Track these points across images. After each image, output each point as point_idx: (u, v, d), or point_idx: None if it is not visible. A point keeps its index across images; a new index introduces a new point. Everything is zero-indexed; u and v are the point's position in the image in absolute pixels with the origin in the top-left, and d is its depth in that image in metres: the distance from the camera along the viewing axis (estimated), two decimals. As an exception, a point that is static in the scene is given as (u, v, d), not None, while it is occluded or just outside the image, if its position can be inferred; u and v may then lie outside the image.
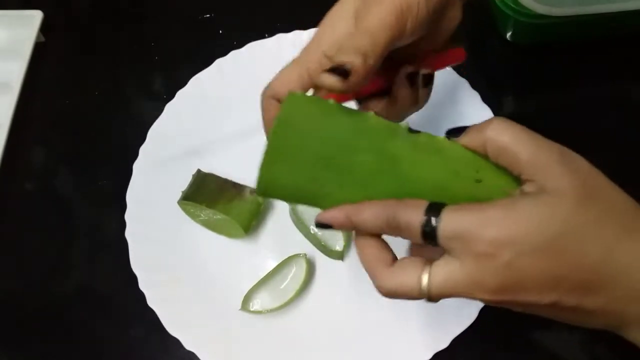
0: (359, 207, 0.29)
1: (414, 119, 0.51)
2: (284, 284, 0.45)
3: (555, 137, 0.54)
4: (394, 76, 0.34)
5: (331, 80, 0.28)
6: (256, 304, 0.45)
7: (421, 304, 0.43)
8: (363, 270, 0.46)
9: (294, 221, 0.47)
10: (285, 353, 0.44)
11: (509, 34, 0.54)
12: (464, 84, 0.50)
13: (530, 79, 0.55)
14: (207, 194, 0.46)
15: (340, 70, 0.28)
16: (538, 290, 0.26)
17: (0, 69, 0.56)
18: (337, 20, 0.32)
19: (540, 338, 0.44)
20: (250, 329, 0.44)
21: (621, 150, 0.51)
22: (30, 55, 0.55)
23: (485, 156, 0.29)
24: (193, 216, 0.48)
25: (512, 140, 0.28)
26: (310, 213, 0.45)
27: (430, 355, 0.42)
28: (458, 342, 0.42)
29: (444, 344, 0.42)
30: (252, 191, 0.47)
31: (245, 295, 0.45)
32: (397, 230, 0.28)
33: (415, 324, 0.43)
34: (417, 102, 0.34)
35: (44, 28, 0.58)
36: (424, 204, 0.27)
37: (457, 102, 0.50)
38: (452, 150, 0.28)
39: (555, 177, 0.26)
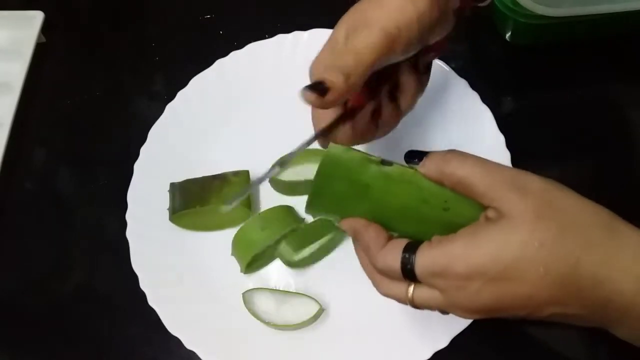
0: (360, 230, 0.33)
1: (413, 119, 0.51)
2: (291, 310, 0.45)
3: (555, 137, 0.55)
4: (379, 91, 0.36)
5: (308, 97, 0.30)
6: (257, 306, 0.45)
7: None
8: (360, 270, 0.47)
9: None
10: (285, 352, 0.44)
11: (508, 35, 0.54)
12: (464, 84, 0.50)
13: (530, 79, 0.55)
14: (193, 197, 0.46)
15: (319, 88, 0.30)
16: (511, 309, 0.28)
17: (2, 69, 0.56)
18: (334, 43, 0.33)
19: (540, 338, 0.44)
20: (250, 328, 0.44)
21: (621, 150, 0.51)
22: (31, 56, 0.56)
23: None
24: (190, 227, 0.48)
25: (466, 174, 0.29)
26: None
27: (430, 355, 0.42)
28: (457, 341, 0.42)
29: (443, 343, 0.42)
30: (235, 173, 0.47)
31: (246, 294, 0.45)
32: (382, 273, 0.32)
33: (414, 323, 0.43)
34: (421, 89, 0.36)
35: (45, 28, 0.58)
36: (401, 245, 0.30)
37: (457, 102, 0.50)
38: (422, 181, 0.31)
39: (509, 202, 0.28)
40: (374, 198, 0.32)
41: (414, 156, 0.31)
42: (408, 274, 0.30)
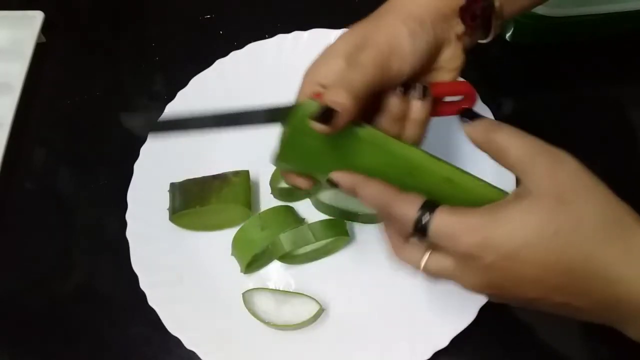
0: (364, 182, 0.32)
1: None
2: (291, 310, 0.45)
3: (555, 137, 0.54)
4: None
5: (321, 128, 0.31)
6: (257, 306, 0.45)
7: (421, 303, 0.44)
8: (360, 271, 0.46)
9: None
10: (285, 352, 0.44)
11: (508, 35, 0.54)
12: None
13: (530, 79, 0.55)
14: (193, 197, 0.46)
15: (326, 117, 0.31)
16: (520, 289, 0.28)
17: (2, 69, 0.56)
18: (329, 58, 0.34)
19: (540, 337, 0.44)
20: (250, 328, 0.44)
21: (621, 150, 0.51)
22: (31, 56, 0.56)
23: (419, 154, 0.32)
24: (190, 227, 0.48)
25: (505, 143, 0.29)
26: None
27: (430, 354, 0.42)
28: (458, 341, 0.42)
29: (443, 342, 0.42)
30: (235, 173, 0.47)
31: (246, 294, 0.45)
32: (387, 218, 0.32)
33: (415, 322, 0.43)
34: (404, 118, 0.35)
35: (45, 28, 0.58)
36: (419, 200, 0.30)
37: (457, 102, 0.50)
38: (391, 145, 0.33)
39: (537, 178, 0.28)
40: (342, 157, 0.33)
41: (468, 115, 0.32)
42: (420, 229, 0.30)
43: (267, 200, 0.49)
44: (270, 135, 0.50)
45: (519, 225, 0.27)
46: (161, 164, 0.50)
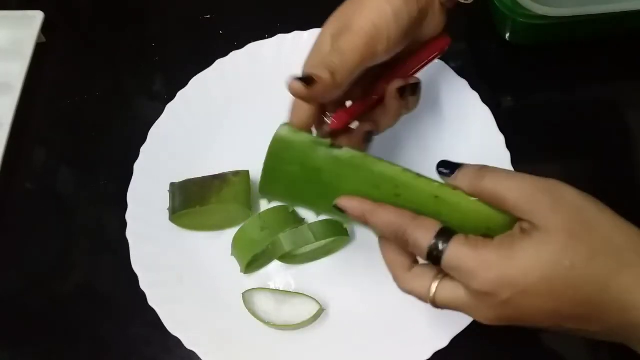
0: (375, 209, 0.31)
1: (413, 119, 0.51)
2: (291, 310, 0.45)
3: (555, 137, 0.55)
4: (376, 91, 0.37)
5: (295, 85, 0.31)
6: (257, 306, 0.45)
7: (421, 303, 0.43)
8: (360, 270, 0.46)
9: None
10: (285, 352, 0.44)
11: (507, 35, 0.54)
12: (464, 84, 0.50)
13: (530, 79, 0.55)
14: (193, 197, 0.46)
15: (306, 79, 0.31)
16: (535, 320, 0.28)
17: (2, 69, 0.56)
18: (320, 45, 0.35)
19: (540, 337, 0.44)
20: (250, 328, 0.44)
21: (621, 150, 0.51)
22: (31, 56, 0.56)
23: (401, 173, 0.31)
24: (190, 227, 0.48)
25: (498, 189, 0.29)
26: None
27: (430, 355, 0.42)
28: (458, 341, 0.42)
29: (443, 343, 0.42)
30: (235, 173, 0.47)
31: (246, 294, 0.45)
32: (404, 244, 0.30)
33: (415, 323, 0.43)
34: (407, 108, 0.37)
35: (45, 28, 0.58)
36: (436, 227, 0.29)
37: (456, 103, 0.50)
38: (373, 165, 0.31)
39: (543, 216, 0.28)
40: (325, 182, 0.32)
41: (446, 167, 0.31)
42: (433, 258, 0.29)
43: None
44: (270, 136, 0.50)
45: (535, 262, 0.27)
46: (161, 164, 0.50)
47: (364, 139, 0.36)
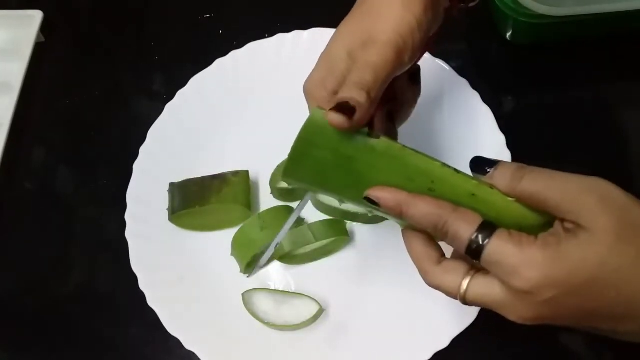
0: (413, 200, 0.29)
1: (414, 119, 0.51)
2: (290, 310, 0.44)
3: (556, 137, 0.55)
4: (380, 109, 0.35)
5: (336, 120, 0.29)
6: (256, 306, 0.45)
7: (421, 303, 0.43)
8: (360, 271, 0.46)
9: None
10: (285, 352, 0.44)
11: (508, 34, 0.54)
12: (464, 84, 0.50)
13: (530, 79, 0.55)
14: (193, 197, 0.46)
15: (346, 109, 0.29)
16: (571, 320, 0.28)
17: (1, 69, 0.56)
18: (334, 63, 0.33)
19: (541, 338, 0.44)
20: (250, 328, 0.44)
21: (621, 150, 0.51)
22: (30, 56, 0.56)
23: (440, 168, 0.30)
24: (189, 227, 0.48)
25: (538, 189, 0.28)
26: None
27: (430, 355, 0.42)
28: (458, 342, 0.42)
29: (443, 343, 0.42)
30: (235, 173, 0.47)
31: (246, 295, 0.45)
32: (444, 236, 0.29)
33: (415, 323, 0.43)
34: (415, 100, 0.37)
35: (44, 28, 0.58)
36: (477, 220, 0.28)
37: (457, 102, 0.50)
38: (409, 157, 0.30)
39: (589, 217, 0.27)
40: (357, 171, 0.31)
41: (482, 164, 0.30)
42: (472, 252, 0.28)
43: (267, 200, 0.49)
44: (270, 135, 0.50)
45: (581, 263, 0.26)
46: (161, 164, 0.50)
47: (387, 119, 0.35)
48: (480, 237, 0.28)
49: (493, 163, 0.30)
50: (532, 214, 0.29)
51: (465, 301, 0.30)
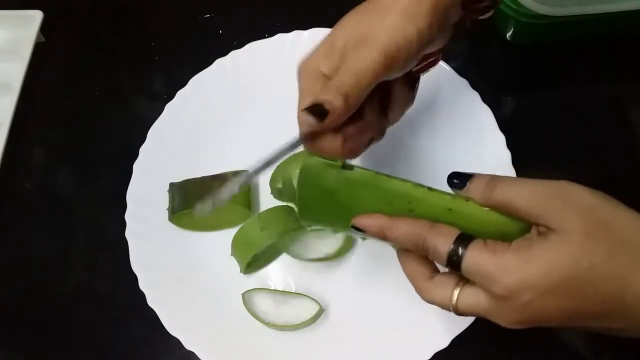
0: (393, 224, 0.31)
1: (414, 119, 0.51)
2: (291, 310, 0.45)
3: (556, 137, 0.55)
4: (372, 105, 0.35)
5: (306, 120, 0.30)
6: (256, 306, 0.45)
7: (421, 303, 0.43)
8: (360, 271, 0.46)
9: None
10: (285, 352, 0.44)
11: (509, 34, 0.54)
12: (464, 84, 0.50)
13: (530, 79, 0.55)
14: (192, 197, 0.46)
15: (318, 111, 0.30)
16: (556, 321, 0.28)
17: (1, 69, 0.56)
18: (331, 50, 0.32)
19: (540, 338, 0.44)
20: (250, 328, 0.44)
21: (621, 150, 0.51)
22: (30, 56, 0.56)
23: (413, 189, 0.31)
24: (189, 227, 0.48)
25: (508, 198, 0.29)
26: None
27: (430, 355, 0.42)
28: (458, 341, 0.42)
29: (443, 343, 0.42)
30: (235, 173, 0.47)
31: (246, 295, 0.45)
32: (426, 252, 0.31)
33: (415, 323, 0.43)
34: (412, 101, 0.36)
35: (44, 28, 0.58)
36: (454, 234, 0.30)
37: (457, 102, 0.50)
38: (384, 183, 0.32)
39: (557, 219, 0.28)
40: (340, 203, 0.32)
41: (458, 179, 0.31)
42: (453, 264, 0.29)
43: (267, 200, 0.49)
44: (270, 135, 0.50)
45: (553, 264, 0.27)
46: (161, 164, 0.50)
47: (379, 112, 0.35)
48: (458, 249, 0.29)
49: (468, 177, 0.31)
50: (511, 221, 0.30)
51: (457, 312, 0.31)
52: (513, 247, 0.28)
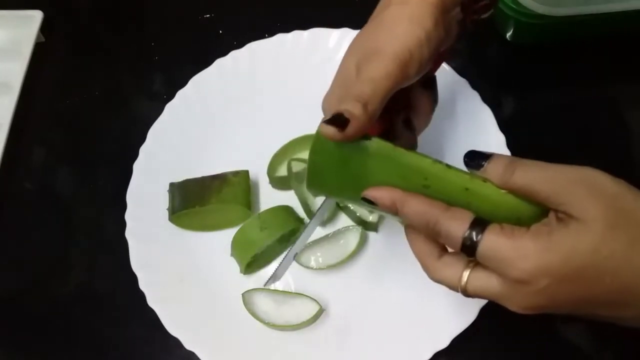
0: (406, 198, 0.30)
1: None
2: (290, 310, 0.44)
3: (556, 137, 0.55)
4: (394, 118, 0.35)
5: (329, 131, 0.30)
6: (257, 306, 0.45)
7: (421, 303, 0.44)
8: (360, 271, 0.46)
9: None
10: (285, 352, 0.44)
11: (509, 34, 0.54)
12: (464, 84, 0.50)
13: (531, 78, 0.55)
14: (193, 197, 0.46)
15: (338, 121, 0.30)
16: (568, 308, 0.28)
17: (1, 69, 0.56)
18: (346, 78, 0.33)
19: (540, 338, 0.44)
20: (250, 328, 0.44)
21: (621, 150, 0.51)
22: (30, 55, 0.56)
23: (431, 165, 0.30)
24: (189, 227, 0.48)
25: (529, 181, 0.29)
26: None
27: (430, 355, 0.42)
28: (458, 341, 0.42)
29: (444, 343, 0.42)
30: (235, 173, 0.47)
31: (246, 295, 0.45)
32: (435, 235, 0.30)
33: (415, 323, 0.43)
34: (435, 102, 0.37)
35: (44, 28, 0.58)
36: (469, 218, 0.29)
37: (457, 102, 0.50)
38: (401, 156, 0.31)
39: (579, 207, 0.27)
40: (353, 173, 0.32)
41: (476, 158, 0.30)
42: (467, 249, 0.29)
43: (267, 200, 0.49)
44: (270, 135, 0.50)
45: (573, 251, 0.27)
46: (161, 164, 0.50)
47: (405, 127, 0.35)
48: (473, 233, 0.28)
49: (486, 157, 0.30)
50: (527, 205, 0.30)
51: (466, 293, 0.30)
52: (532, 232, 0.28)
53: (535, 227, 0.28)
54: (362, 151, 0.31)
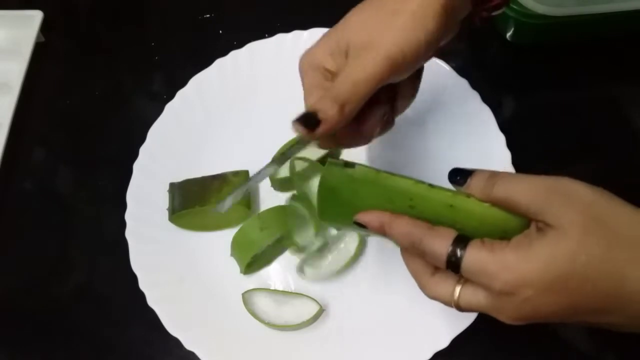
0: (393, 221, 0.31)
1: (414, 119, 0.51)
2: (290, 310, 0.45)
3: (556, 137, 0.55)
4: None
5: (298, 129, 0.30)
6: (257, 306, 0.45)
7: (421, 304, 0.43)
8: (360, 271, 0.46)
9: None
10: (285, 352, 0.44)
11: (509, 34, 0.54)
12: (464, 84, 0.50)
13: (531, 78, 0.55)
14: (193, 197, 0.46)
15: (310, 121, 0.30)
16: (556, 317, 0.28)
17: (0, 69, 0.56)
18: (336, 46, 0.32)
19: (540, 338, 0.44)
20: (250, 328, 0.44)
21: (621, 150, 0.51)
22: (30, 55, 0.55)
23: (414, 186, 0.31)
24: (189, 227, 0.48)
25: (508, 194, 0.29)
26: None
27: (430, 355, 0.42)
28: (458, 341, 0.42)
29: (444, 343, 0.42)
30: (235, 173, 0.47)
31: (246, 295, 0.45)
32: (421, 254, 0.31)
33: (415, 323, 0.43)
34: (416, 90, 0.36)
35: (44, 28, 0.58)
36: (451, 235, 0.29)
37: (457, 102, 0.50)
38: (385, 180, 0.32)
39: (557, 215, 0.28)
40: (343, 201, 0.33)
41: (459, 175, 0.31)
42: (452, 266, 0.29)
43: (267, 201, 0.49)
44: (270, 135, 0.50)
45: (551, 259, 0.27)
46: (161, 164, 0.50)
47: (383, 122, 0.35)
48: (457, 250, 0.29)
49: (469, 173, 0.31)
50: (512, 217, 0.30)
51: (460, 308, 0.31)
52: (512, 245, 0.28)
53: (515, 239, 0.29)
54: (349, 179, 0.32)
